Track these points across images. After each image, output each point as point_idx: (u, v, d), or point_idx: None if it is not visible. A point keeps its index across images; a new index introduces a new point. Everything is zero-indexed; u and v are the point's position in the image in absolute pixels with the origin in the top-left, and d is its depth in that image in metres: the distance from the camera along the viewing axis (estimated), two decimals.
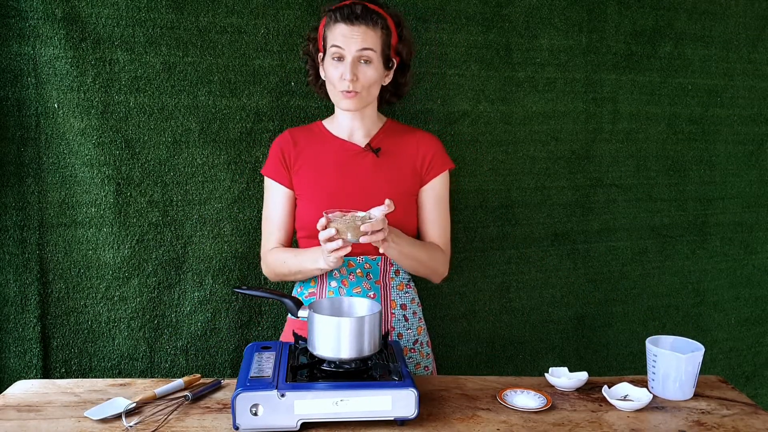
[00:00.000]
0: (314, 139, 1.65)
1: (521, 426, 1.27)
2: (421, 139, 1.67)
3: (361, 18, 1.51)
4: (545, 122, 2.17)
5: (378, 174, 1.61)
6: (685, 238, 2.44)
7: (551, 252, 2.25)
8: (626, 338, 2.39)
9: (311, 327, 1.32)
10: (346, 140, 1.63)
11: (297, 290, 1.68)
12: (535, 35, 2.11)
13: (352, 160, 1.61)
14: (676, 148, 2.38)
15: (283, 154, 1.63)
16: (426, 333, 1.69)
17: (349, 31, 1.51)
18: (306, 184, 1.61)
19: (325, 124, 1.68)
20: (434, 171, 1.65)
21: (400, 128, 1.70)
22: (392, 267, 1.62)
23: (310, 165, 1.62)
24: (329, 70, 1.55)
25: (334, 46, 1.52)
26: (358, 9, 1.51)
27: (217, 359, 1.91)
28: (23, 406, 1.31)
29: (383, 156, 1.62)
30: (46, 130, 1.69)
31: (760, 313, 2.62)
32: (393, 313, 1.61)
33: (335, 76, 1.53)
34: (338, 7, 1.54)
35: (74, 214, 1.74)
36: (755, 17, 2.40)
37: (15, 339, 1.72)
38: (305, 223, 1.60)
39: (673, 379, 1.41)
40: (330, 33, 1.54)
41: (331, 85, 1.56)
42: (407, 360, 1.61)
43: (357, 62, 1.52)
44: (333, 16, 1.53)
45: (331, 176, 1.60)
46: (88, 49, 1.68)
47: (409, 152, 1.64)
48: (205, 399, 1.36)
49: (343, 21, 1.51)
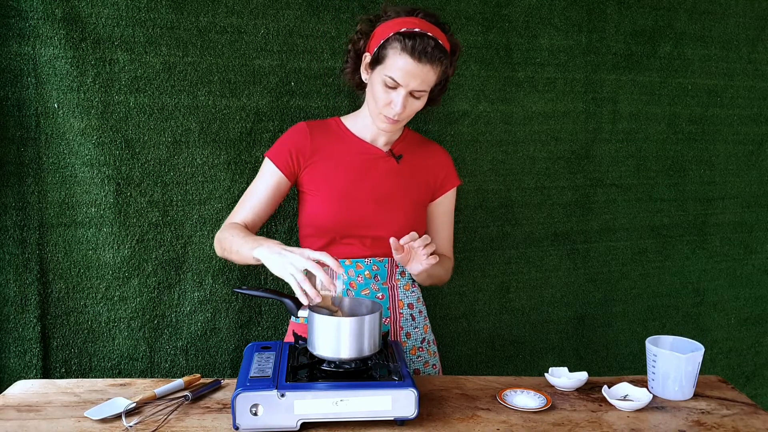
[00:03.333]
0: (333, 136, 1.62)
1: (521, 426, 1.27)
2: (438, 153, 1.69)
3: (429, 57, 1.43)
4: (545, 122, 2.17)
5: (394, 180, 1.60)
6: (685, 238, 2.44)
7: (551, 252, 2.25)
8: (626, 338, 2.39)
9: (311, 327, 1.32)
10: (368, 143, 1.62)
11: None
12: (535, 35, 2.11)
13: (371, 163, 1.60)
14: (676, 148, 2.38)
15: (297, 147, 1.58)
16: (431, 331, 1.70)
17: (413, 68, 1.43)
18: (318, 181, 1.58)
19: (345, 122, 1.65)
20: (446, 187, 1.68)
21: (418, 138, 1.70)
22: (398, 268, 1.62)
23: (326, 162, 1.59)
24: (377, 88, 1.48)
25: (392, 78, 1.45)
26: (429, 47, 1.43)
27: (217, 359, 1.91)
28: (23, 406, 1.31)
29: (402, 163, 1.62)
30: (46, 130, 1.69)
31: (760, 313, 2.62)
32: (401, 313, 1.61)
33: (383, 100, 1.48)
34: (409, 35, 1.44)
35: (74, 214, 1.74)
36: (755, 17, 2.40)
37: (15, 339, 1.72)
38: (311, 221, 1.58)
39: (673, 379, 1.41)
40: (391, 57, 1.45)
41: (374, 102, 1.51)
42: (417, 359, 1.62)
43: (409, 96, 1.48)
44: (401, 44, 1.43)
45: (346, 176, 1.58)
46: (88, 49, 1.68)
47: (425, 164, 1.65)
48: (205, 399, 1.36)
49: (411, 55, 1.43)
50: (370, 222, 1.56)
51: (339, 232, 1.56)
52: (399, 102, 1.46)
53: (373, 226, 1.57)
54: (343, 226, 1.56)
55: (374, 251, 1.58)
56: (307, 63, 1.87)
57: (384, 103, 1.49)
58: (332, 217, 1.55)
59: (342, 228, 1.56)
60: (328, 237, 1.57)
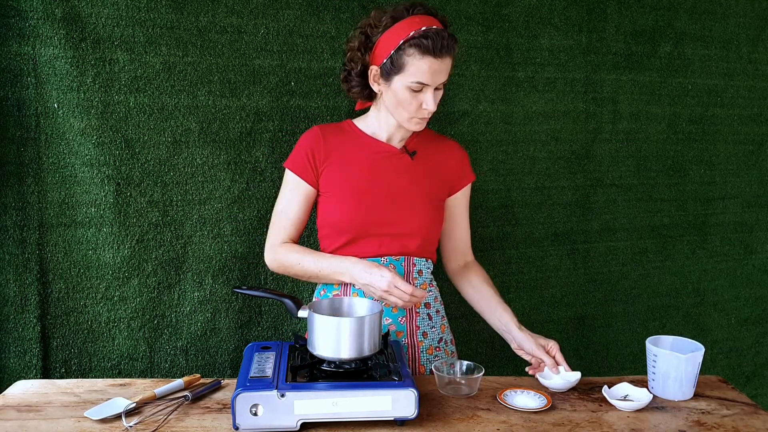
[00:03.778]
0: (346, 137, 1.63)
1: (521, 426, 1.27)
2: (453, 149, 1.69)
3: (448, 49, 1.46)
4: (545, 122, 2.17)
5: (408, 177, 1.60)
6: (685, 238, 2.44)
7: (551, 252, 2.25)
8: (626, 338, 2.39)
9: (311, 327, 1.32)
10: (381, 141, 1.62)
11: (321, 293, 1.65)
12: (535, 35, 2.11)
13: (386, 161, 1.61)
14: (676, 148, 2.38)
15: (312, 151, 1.59)
16: (449, 331, 1.69)
17: (437, 66, 1.46)
18: (335, 182, 1.59)
19: (357, 123, 1.66)
20: (464, 181, 1.69)
21: (431, 135, 1.70)
22: (415, 267, 1.62)
23: (341, 163, 1.59)
24: (403, 96, 1.49)
25: (419, 83, 1.46)
26: (445, 40, 1.45)
27: (217, 359, 1.91)
28: (23, 406, 1.31)
29: (416, 159, 1.62)
30: (46, 130, 1.69)
31: (760, 313, 2.62)
32: (417, 312, 1.61)
33: (413, 104, 1.50)
34: (423, 36, 1.44)
35: (74, 214, 1.74)
36: (755, 17, 2.40)
37: (15, 339, 1.72)
38: (328, 221, 1.58)
39: (673, 379, 1.41)
40: (412, 64, 1.45)
41: (402, 109, 1.52)
42: (434, 359, 1.61)
43: (434, 90, 1.50)
44: (420, 48, 1.44)
45: (360, 175, 1.59)
46: (88, 49, 1.68)
47: (440, 159, 1.66)
48: (205, 399, 1.36)
49: (433, 55, 1.44)
50: (387, 219, 1.56)
51: (356, 231, 1.56)
52: (431, 101, 1.49)
53: (390, 223, 1.57)
54: (359, 224, 1.56)
55: (391, 250, 1.58)
56: (307, 63, 1.87)
57: (415, 107, 1.50)
58: (348, 216, 1.55)
59: (358, 227, 1.56)
60: (345, 236, 1.57)
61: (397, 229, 1.56)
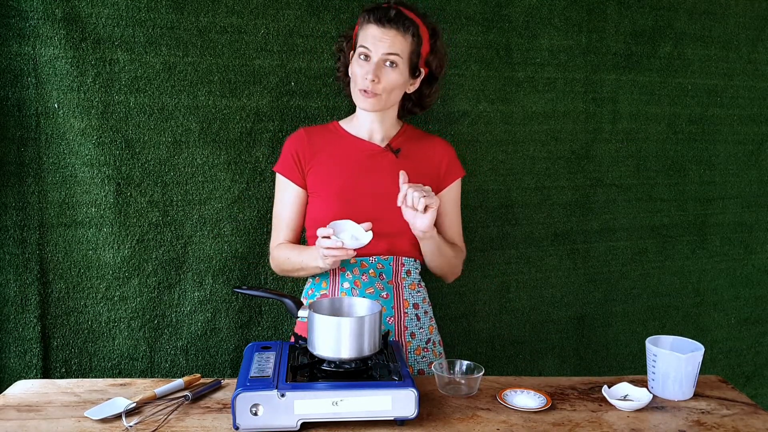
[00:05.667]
0: (331, 137, 1.66)
1: (521, 426, 1.27)
2: (438, 145, 1.70)
3: (392, 22, 1.53)
4: (545, 122, 2.17)
5: (393, 175, 1.60)
6: (685, 238, 2.44)
7: (551, 252, 2.25)
8: (626, 338, 2.39)
9: (311, 327, 1.32)
10: (365, 140, 1.64)
11: (308, 292, 1.67)
12: (535, 35, 2.11)
13: (371, 160, 1.62)
14: (676, 148, 2.38)
15: (297, 152, 1.64)
16: (437, 332, 1.70)
17: (379, 34, 1.53)
18: (320, 183, 1.61)
19: (342, 124, 1.69)
20: (451, 177, 1.69)
21: (417, 133, 1.72)
22: (404, 267, 1.62)
23: (326, 163, 1.62)
24: (354, 67, 1.57)
25: (363, 47, 1.55)
26: (391, 13, 1.54)
27: (217, 359, 1.91)
28: (23, 406, 1.31)
29: (401, 158, 1.63)
30: (46, 130, 1.69)
31: (760, 313, 2.62)
32: (406, 312, 1.61)
33: (359, 74, 1.55)
34: (372, 9, 1.56)
35: (74, 214, 1.74)
36: (755, 17, 2.40)
37: (15, 339, 1.72)
38: (317, 222, 1.59)
39: (673, 379, 1.41)
40: (362, 33, 1.56)
41: (353, 82, 1.58)
42: (421, 359, 1.61)
43: (382, 64, 1.54)
44: (366, 17, 1.56)
45: (347, 175, 1.61)
46: (88, 49, 1.68)
47: (426, 156, 1.67)
48: (205, 399, 1.36)
49: (375, 23, 1.54)
50: (373, 218, 1.56)
51: None
52: (371, 69, 1.53)
53: (376, 222, 1.56)
54: None
55: (379, 249, 1.58)
56: (307, 63, 1.88)
57: (360, 77, 1.54)
58: (334, 215, 1.55)
59: None
60: None
61: (384, 228, 1.56)
